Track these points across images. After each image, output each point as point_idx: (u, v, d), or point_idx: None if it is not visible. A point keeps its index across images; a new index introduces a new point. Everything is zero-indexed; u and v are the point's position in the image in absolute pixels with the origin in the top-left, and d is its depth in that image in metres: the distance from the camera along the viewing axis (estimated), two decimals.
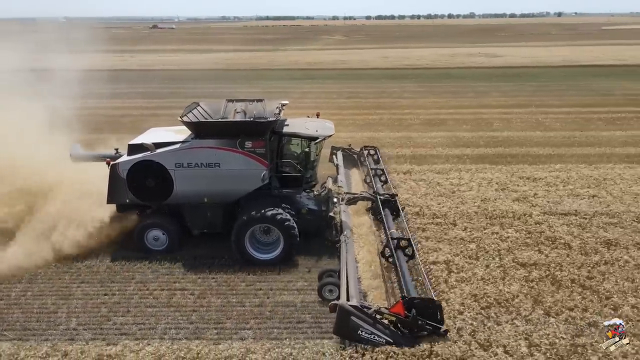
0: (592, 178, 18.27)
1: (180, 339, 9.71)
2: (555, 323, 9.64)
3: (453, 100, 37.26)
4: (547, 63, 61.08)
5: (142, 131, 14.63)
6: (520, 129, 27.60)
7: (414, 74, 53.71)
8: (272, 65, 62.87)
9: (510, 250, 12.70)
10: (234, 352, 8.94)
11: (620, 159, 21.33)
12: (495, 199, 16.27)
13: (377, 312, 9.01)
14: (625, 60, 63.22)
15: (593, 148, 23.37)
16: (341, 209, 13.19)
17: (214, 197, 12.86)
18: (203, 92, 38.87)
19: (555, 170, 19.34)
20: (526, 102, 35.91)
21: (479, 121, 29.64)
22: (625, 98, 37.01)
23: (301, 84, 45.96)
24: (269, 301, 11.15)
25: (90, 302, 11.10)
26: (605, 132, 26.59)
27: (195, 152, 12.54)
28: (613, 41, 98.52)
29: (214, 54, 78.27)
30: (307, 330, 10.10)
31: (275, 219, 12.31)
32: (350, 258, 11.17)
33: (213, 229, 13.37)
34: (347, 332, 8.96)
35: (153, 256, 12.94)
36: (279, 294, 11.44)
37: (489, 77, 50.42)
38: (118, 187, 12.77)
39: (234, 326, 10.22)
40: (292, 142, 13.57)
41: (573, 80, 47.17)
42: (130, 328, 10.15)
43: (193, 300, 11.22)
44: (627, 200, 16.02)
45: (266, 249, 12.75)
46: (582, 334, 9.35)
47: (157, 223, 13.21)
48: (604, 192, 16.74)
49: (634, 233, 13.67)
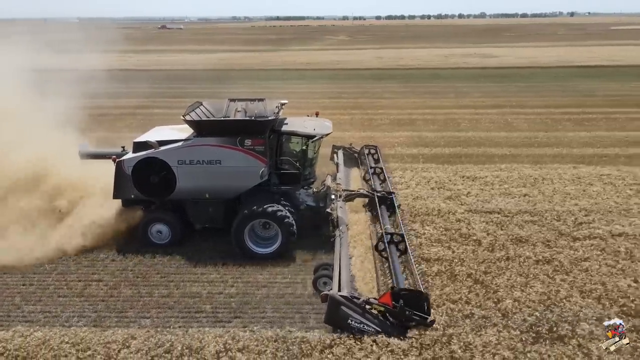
0: (532, 178, 18.54)
1: (81, 327, 10.28)
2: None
3: (432, 101, 37.56)
4: (540, 63, 60.95)
5: (145, 130, 15.30)
6: (485, 130, 27.87)
7: (402, 74, 53.99)
8: (266, 65, 63.47)
9: (420, 246, 13.10)
10: (116, 338, 9.46)
11: (573, 159, 21.53)
12: (427, 197, 16.65)
13: (367, 303, 9.39)
14: (619, 60, 62.82)
15: (551, 148, 23.61)
16: (338, 205, 13.51)
17: (215, 193, 13.41)
18: (185, 92, 39.78)
19: (499, 170, 19.65)
20: (504, 102, 36.09)
21: (448, 121, 29.94)
22: (605, 99, 37.01)
23: (289, 84, 46.49)
24: (177, 292, 11.73)
25: (7, 291, 11.76)
26: (570, 133, 26.75)
27: (197, 150, 13.10)
28: (618, 41, 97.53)
29: (210, 55, 79.05)
30: (203, 319, 10.65)
31: (274, 214, 12.82)
32: (344, 251, 11.51)
33: (214, 223, 13.91)
34: (337, 321, 9.36)
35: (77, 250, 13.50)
36: (190, 285, 12.01)
37: (476, 77, 50.54)
38: (123, 183, 13.39)
39: (135, 315, 10.79)
40: (291, 140, 14.08)
41: (561, 81, 47.13)
42: (36, 316, 10.77)
43: (105, 290, 11.81)
44: (555, 200, 16.30)
45: (265, 243, 13.25)
46: (455, 325, 9.75)
47: (161, 218, 13.77)
48: (536, 192, 17.02)
49: (548, 231, 13.99)
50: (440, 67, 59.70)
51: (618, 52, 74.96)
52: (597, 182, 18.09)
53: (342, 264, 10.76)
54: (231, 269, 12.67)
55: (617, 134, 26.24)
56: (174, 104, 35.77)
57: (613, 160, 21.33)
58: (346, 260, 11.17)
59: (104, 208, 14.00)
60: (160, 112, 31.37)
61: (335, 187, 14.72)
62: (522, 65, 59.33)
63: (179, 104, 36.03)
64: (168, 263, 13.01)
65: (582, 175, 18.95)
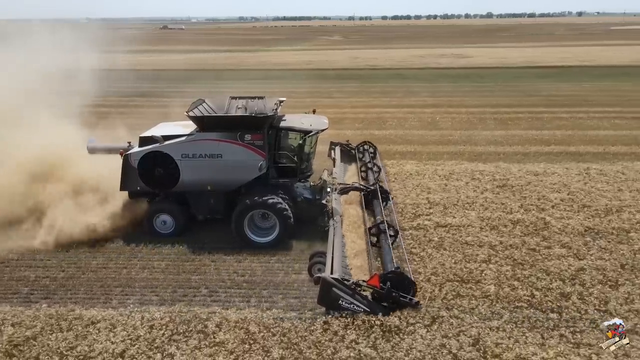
0: (407, 173, 19.42)
1: None
2: None
3: (377, 100, 38.37)
4: (507, 64, 61.42)
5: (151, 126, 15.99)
6: (406, 128, 28.60)
7: (366, 74, 54.82)
8: (237, 66, 64.57)
9: None
10: None
11: (469, 157, 22.23)
12: None
13: (356, 285, 10.10)
14: (591, 61, 63.17)
15: (454, 146, 24.31)
16: (333, 198, 14.11)
17: (216, 185, 14.15)
18: (137, 92, 40.89)
19: (388, 166, 20.49)
20: (445, 102, 36.74)
21: (376, 120, 30.72)
22: (545, 99, 37.49)
23: (250, 84, 47.26)
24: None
25: None
26: (486, 132, 27.37)
27: (200, 144, 13.82)
28: (607, 42, 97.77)
29: (192, 55, 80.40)
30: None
31: (272, 205, 13.55)
32: (337, 239, 12.09)
33: (216, 214, 14.66)
34: (329, 302, 10.04)
35: None
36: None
37: (437, 77, 51.23)
38: (130, 176, 14.15)
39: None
40: (289, 135, 14.78)
41: (517, 81, 47.59)
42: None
43: None
44: (412, 193, 17.17)
45: (263, 233, 13.95)
46: None
47: (165, 208, 14.49)
48: (399, 185, 17.96)
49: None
50: (409, 68, 60.42)
51: (598, 52, 75.31)
52: (465, 178, 18.88)
53: (335, 250, 11.42)
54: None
55: (531, 133, 26.85)
56: (122, 103, 37.23)
57: (508, 157, 21.97)
58: (339, 246, 11.83)
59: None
60: (112, 111, 31.92)
61: (331, 180, 15.46)
62: (488, 66, 59.87)
63: (128, 102, 37.59)
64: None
65: (458, 171, 19.75)
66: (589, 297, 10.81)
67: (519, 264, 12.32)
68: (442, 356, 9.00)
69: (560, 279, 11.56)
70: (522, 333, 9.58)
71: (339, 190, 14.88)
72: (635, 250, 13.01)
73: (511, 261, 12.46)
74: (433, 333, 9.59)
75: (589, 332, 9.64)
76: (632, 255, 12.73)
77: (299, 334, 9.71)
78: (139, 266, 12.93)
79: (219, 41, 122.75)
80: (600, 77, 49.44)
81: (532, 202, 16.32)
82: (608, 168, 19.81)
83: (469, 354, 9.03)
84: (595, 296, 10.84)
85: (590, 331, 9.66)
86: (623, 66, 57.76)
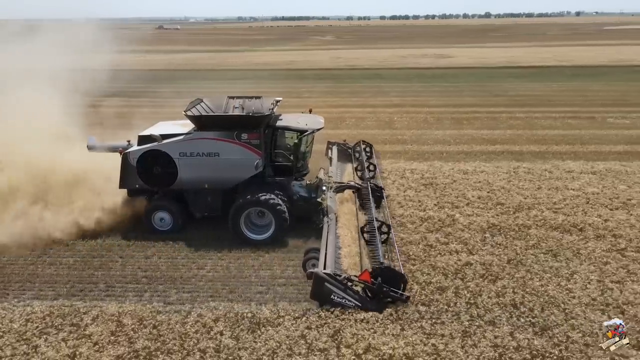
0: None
1: None
2: None
3: (344, 100, 38.73)
4: (487, 64, 61.79)
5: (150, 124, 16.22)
6: (361, 127, 28.95)
7: (344, 74, 55.23)
8: (219, 66, 64.95)
9: None
10: None
11: (407, 156, 22.62)
12: None
13: (348, 280, 10.34)
14: (570, 61, 63.69)
15: (400, 145, 24.70)
16: (328, 196, 14.27)
17: (213, 183, 14.37)
18: (113, 92, 41.07)
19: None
20: (409, 102, 37.13)
21: (334, 119, 30.79)
22: (510, 99, 37.84)
23: (223, 84, 47.59)
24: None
25: None
26: (437, 131, 27.72)
27: (198, 143, 14.05)
28: (594, 42, 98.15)
29: (176, 55, 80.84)
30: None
31: (268, 203, 13.74)
32: (331, 236, 12.31)
33: (213, 212, 14.81)
34: (321, 296, 10.27)
35: None
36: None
37: (411, 77, 51.59)
38: (129, 174, 14.41)
39: None
40: (285, 134, 14.98)
41: (489, 81, 47.93)
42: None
43: None
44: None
45: (260, 230, 14.12)
46: None
47: (164, 206, 14.71)
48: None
49: None
50: (388, 68, 60.82)
51: (581, 52, 75.81)
52: (393, 176, 19.25)
53: (328, 246, 11.66)
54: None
55: (482, 132, 27.20)
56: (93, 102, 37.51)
57: (449, 156, 22.38)
58: (332, 243, 12.06)
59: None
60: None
61: (327, 179, 15.68)
62: (466, 66, 60.27)
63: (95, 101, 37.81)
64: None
65: (390, 169, 20.15)
66: (463, 290, 11.16)
67: (411, 260, 12.67)
68: (297, 346, 9.35)
69: (443, 274, 11.89)
70: (383, 325, 9.91)
71: (334, 188, 15.15)
72: (529, 246, 13.36)
73: (404, 257, 12.80)
74: (297, 325, 9.95)
75: (449, 324, 9.98)
76: (523, 251, 13.07)
77: (170, 326, 10.07)
78: (48, 262, 13.27)
79: (209, 41, 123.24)
80: (572, 77, 49.81)
81: (449, 200, 16.67)
82: (537, 167, 20.16)
83: (323, 344, 9.38)
84: (470, 290, 11.18)
85: (450, 323, 10.00)
86: (599, 66, 58.14)
